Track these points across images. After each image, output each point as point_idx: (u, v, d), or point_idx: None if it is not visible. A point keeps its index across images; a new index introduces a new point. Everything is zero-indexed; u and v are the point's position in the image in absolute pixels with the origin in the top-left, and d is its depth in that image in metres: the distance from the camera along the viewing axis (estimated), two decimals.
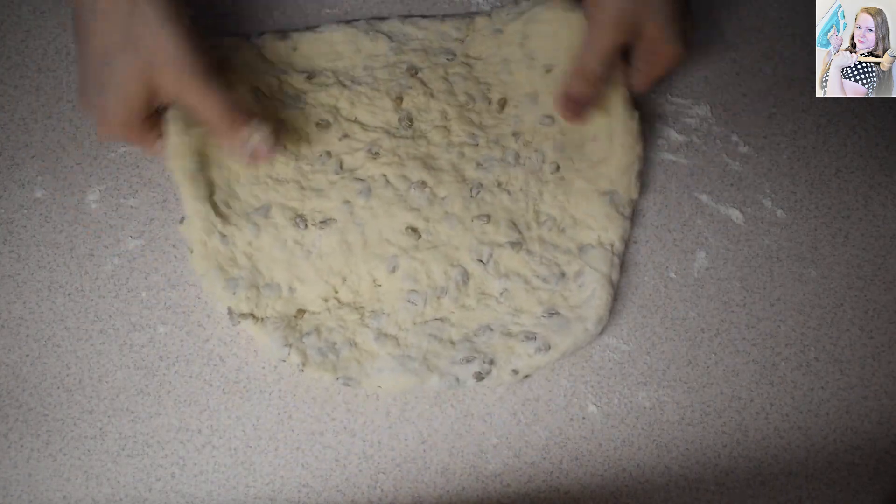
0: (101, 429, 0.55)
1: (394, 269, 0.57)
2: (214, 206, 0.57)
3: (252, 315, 0.56)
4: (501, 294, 0.57)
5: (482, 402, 0.57)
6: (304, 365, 0.55)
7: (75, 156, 0.61)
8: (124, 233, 0.59)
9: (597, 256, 0.58)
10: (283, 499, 0.55)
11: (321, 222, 0.58)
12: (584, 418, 0.57)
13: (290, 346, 0.55)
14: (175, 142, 0.56)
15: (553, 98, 0.60)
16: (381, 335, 0.56)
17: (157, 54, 0.52)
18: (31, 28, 0.63)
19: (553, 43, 0.62)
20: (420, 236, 0.58)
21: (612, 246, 0.59)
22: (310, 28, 0.64)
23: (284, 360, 0.56)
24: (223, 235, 0.56)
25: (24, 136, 0.61)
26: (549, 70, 0.61)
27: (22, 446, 0.55)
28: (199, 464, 0.55)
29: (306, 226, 0.57)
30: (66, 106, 0.62)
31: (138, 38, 0.52)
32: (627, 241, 0.60)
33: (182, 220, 0.57)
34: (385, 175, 0.59)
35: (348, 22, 0.64)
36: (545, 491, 0.55)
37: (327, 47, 0.63)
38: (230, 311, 0.56)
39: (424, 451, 0.56)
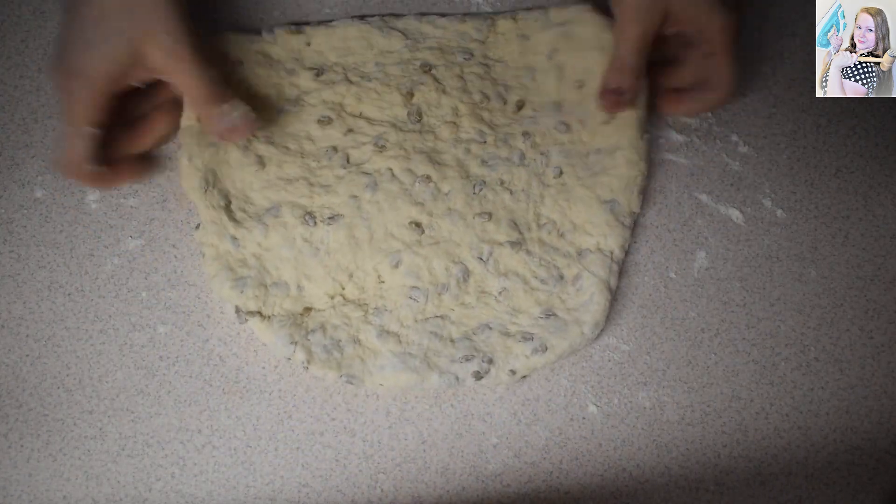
0: (101, 429, 0.55)
1: (397, 265, 0.57)
2: (230, 213, 0.58)
3: (259, 313, 0.56)
4: (500, 293, 0.57)
5: (482, 402, 0.57)
6: (308, 362, 0.55)
7: None
8: (124, 233, 0.59)
9: (595, 262, 0.58)
10: (283, 499, 0.54)
11: (329, 218, 0.58)
12: (584, 418, 0.57)
13: (296, 343, 0.56)
14: (185, 166, 0.58)
15: (596, 96, 0.60)
16: (384, 332, 0.56)
17: (155, 22, 0.53)
18: (31, 28, 0.63)
19: (586, 62, 0.62)
20: (423, 231, 0.58)
21: (611, 253, 0.58)
22: (323, 22, 0.64)
23: (289, 358, 0.56)
24: (234, 238, 0.57)
25: (24, 136, 0.61)
26: (581, 86, 0.61)
27: (22, 446, 0.55)
28: (199, 464, 0.55)
29: (315, 223, 0.58)
30: None
31: (137, 4, 0.52)
32: (627, 248, 0.60)
33: (197, 226, 0.58)
34: (391, 168, 0.59)
35: (362, 17, 0.64)
36: (545, 491, 0.55)
37: (340, 42, 0.63)
38: (238, 310, 0.56)
39: (424, 451, 0.56)
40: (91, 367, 0.56)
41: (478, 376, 0.55)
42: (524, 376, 0.57)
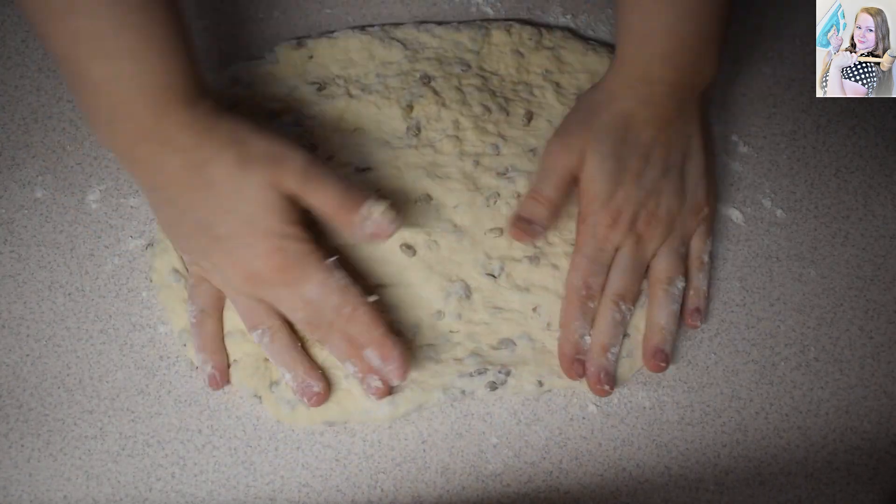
0: (101, 429, 0.55)
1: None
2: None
3: None
4: (535, 309, 0.56)
5: (482, 402, 0.57)
6: (277, 418, 0.55)
7: (75, 156, 0.61)
8: (125, 232, 0.59)
9: None
10: (283, 499, 0.55)
11: None
12: (584, 418, 0.57)
13: (260, 397, 0.54)
14: None
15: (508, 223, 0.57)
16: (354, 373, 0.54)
17: (281, 156, 0.51)
18: (31, 28, 0.63)
19: (578, 82, 0.63)
20: (415, 253, 0.57)
21: None
22: (325, 34, 0.64)
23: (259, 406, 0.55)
24: (176, 271, 0.56)
25: (24, 136, 0.61)
26: None
27: (22, 446, 0.55)
28: (199, 464, 0.55)
29: None
30: (66, 106, 0.62)
31: (259, 152, 0.51)
32: None
33: (147, 246, 0.58)
34: (378, 191, 0.58)
35: (363, 28, 0.64)
36: (545, 491, 0.55)
37: (342, 54, 0.63)
38: (192, 362, 0.56)
39: (424, 451, 0.56)
40: (91, 367, 0.56)
41: (493, 387, 0.55)
42: (549, 389, 0.56)
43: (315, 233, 0.54)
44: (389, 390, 0.53)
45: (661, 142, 0.56)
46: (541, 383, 0.55)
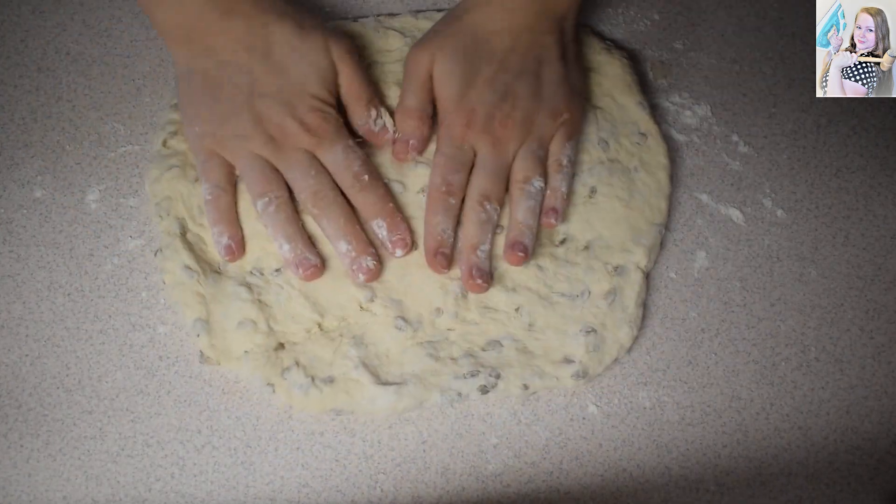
0: (100, 429, 0.55)
1: (371, 299, 0.56)
2: (186, 242, 0.57)
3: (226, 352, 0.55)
4: (517, 309, 0.56)
5: (482, 401, 0.57)
6: (290, 405, 0.55)
7: (75, 156, 0.61)
8: (124, 233, 0.59)
9: (632, 278, 0.58)
10: (283, 499, 0.54)
11: (276, 270, 0.56)
12: (584, 418, 0.57)
13: (272, 385, 0.54)
14: (147, 187, 0.59)
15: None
16: (368, 363, 0.55)
17: (328, 31, 0.59)
18: (30, 28, 0.63)
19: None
20: (416, 247, 0.57)
21: (644, 267, 0.58)
22: None
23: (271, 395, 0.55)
24: (188, 268, 0.56)
25: (24, 136, 0.61)
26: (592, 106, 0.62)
27: (22, 446, 0.55)
28: (199, 464, 0.55)
29: (262, 273, 0.56)
30: (66, 106, 0.62)
31: (311, 26, 0.58)
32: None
33: (156, 252, 0.58)
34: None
35: (356, 20, 0.64)
36: (545, 491, 0.55)
37: None
38: (201, 353, 0.56)
39: (424, 451, 0.56)
40: (91, 367, 0.56)
41: (484, 390, 0.55)
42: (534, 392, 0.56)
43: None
44: (378, 273, 0.56)
45: (515, 49, 0.58)
46: (526, 387, 0.55)
